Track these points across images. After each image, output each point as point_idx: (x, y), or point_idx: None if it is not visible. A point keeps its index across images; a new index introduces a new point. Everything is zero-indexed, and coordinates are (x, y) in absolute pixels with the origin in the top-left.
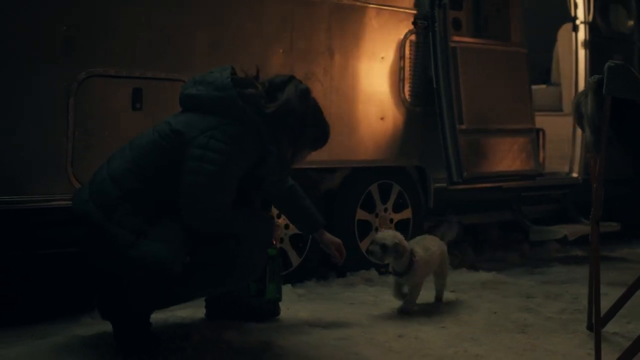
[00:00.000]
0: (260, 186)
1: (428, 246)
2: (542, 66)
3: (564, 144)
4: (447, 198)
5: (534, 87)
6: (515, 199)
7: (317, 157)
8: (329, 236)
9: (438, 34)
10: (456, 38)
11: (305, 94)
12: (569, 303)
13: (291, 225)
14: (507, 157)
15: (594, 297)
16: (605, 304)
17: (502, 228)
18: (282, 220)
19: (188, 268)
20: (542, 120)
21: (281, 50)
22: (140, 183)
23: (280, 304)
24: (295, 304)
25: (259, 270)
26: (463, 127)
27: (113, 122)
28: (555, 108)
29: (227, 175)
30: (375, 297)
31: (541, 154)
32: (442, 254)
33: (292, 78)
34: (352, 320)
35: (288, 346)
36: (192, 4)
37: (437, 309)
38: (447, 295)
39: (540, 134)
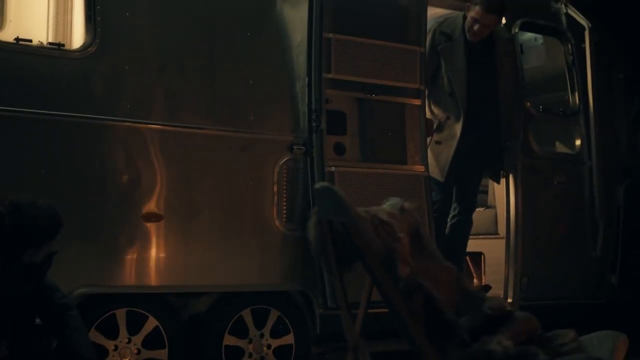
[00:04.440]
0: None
1: None
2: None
3: (501, 267)
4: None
5: None
6: None
7: (179, 282)
8: None
9: (315, 159)
10: (335, 163)
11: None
12: None
13: None
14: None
15: None
16: None
17: None
18: None
19: None
20: (480, 244)
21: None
22: None
23: None
24: None
25: None
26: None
27: None
28: (492, 231)
29: None
30: None
31: (483, 278)
32: None
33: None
34: None
35: None
36: None
37: None
38: None
39: (482, 257)
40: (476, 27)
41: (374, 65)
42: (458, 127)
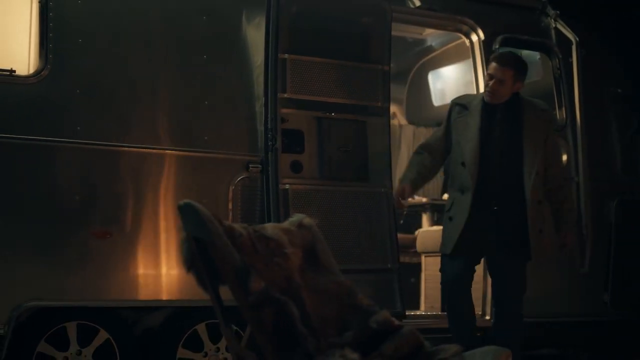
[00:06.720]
0: None
1: None
2: None
3: (479, 284)
4: None
5: None
6: None
7: (131, 296)
8: None
9: (270, 177)
10: (290, 181)
11: None
12: None
13: None
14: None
15: None
16: None
17: None
18: None
19: None
20: None
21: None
22: None
23: None
24: None
25: None
26: None
27: None
28: None
29: None
30: None
31: None
32: None
33: None
34: None
35: None
36: None
37: None
38: None
39: None
40: (491, 82)
41: (333, 84)
42: (468, 199)
